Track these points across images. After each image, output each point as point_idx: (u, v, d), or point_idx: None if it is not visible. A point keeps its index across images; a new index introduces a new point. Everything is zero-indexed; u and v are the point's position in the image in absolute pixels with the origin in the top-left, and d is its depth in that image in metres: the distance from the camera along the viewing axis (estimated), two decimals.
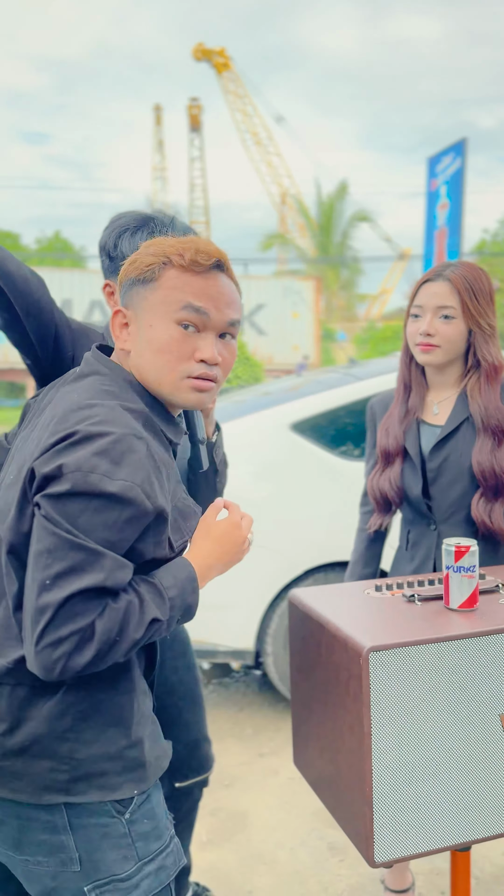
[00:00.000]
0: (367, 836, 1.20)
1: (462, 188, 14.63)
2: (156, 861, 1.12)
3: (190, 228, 1.52)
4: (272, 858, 2.27)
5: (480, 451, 1.70)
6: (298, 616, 1.42)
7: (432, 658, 1.20)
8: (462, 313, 1.70)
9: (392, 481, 1.77)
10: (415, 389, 1.81)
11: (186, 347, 1.11)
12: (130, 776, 1.10)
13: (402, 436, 1.78)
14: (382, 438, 1.81)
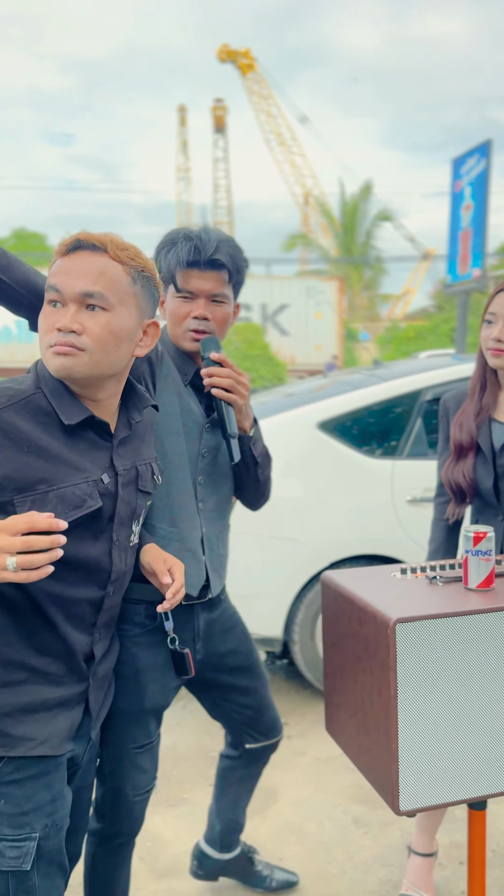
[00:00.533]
0: (394, 788, 1.35)
1: (487, 189, 14.60)
2: (9, 842, 1.21)
3: (218, 234, 1.63)
4: (301, 830, 2.42)
5: None
6: (331, 595, 1.57)
7: (452, 630, 1.34)
8: None
9: (465, 474, 1.91)
10: (488, 389, 1.95)
11: (49, 321, 1.25)
12: None
13: (476, 431, 1.92)
14: (456, 433, 1.95)
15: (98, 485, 1.30)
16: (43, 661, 1.30)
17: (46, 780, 1.28)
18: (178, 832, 2.40)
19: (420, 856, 2.08)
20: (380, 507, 3.25)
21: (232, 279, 1.64)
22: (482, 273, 15.16)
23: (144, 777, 1.68)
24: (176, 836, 2.37)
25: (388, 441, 3.35)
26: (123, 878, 1.77)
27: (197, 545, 1.67)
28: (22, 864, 1.23)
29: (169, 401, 1.64)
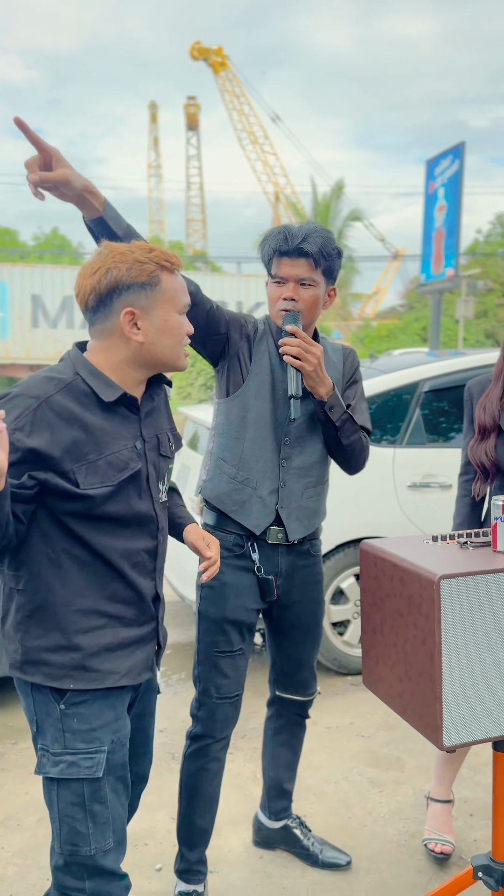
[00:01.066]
0: (437, 727, 1.52)
1: (460, 191, 14.96)
2: (75, 757, 1.42)
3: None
4: (320, 791, 2.59)
5: None
6: (370, 560, 1.74)
7: (487, 587, 1.52)
8: None
9: (488, 453, 2.08)
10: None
11: (187, 328, 1.53)
12: (69, 673, 1.43)
13: (498, 414, 2.08)
14: (480, 415, 2.12)
15: (134, 450, 1.50)
16: (117, 608, 1.49)
17: (109, 701, 1.48)
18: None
19: (439, 802, 2.27)
20: (382, 493, 3.43)
21: (319, 265, 1.83)
22: (455, 273, 15.53)
23: (226, 682, 1.94)
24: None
25: (389, 429, 3.53)
26: (209, 786, 1.98)
27: (268, 494, 1.92)
28: (95, 773, 1.43)
29: (262, 371, 1.90)
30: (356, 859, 2.21)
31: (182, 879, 2.01)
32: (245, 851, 2.27)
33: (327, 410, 1.87)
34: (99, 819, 1.44)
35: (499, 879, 1.75)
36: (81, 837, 1.42)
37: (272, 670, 2.17)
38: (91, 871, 1.44)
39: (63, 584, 1.44)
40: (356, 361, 2.07)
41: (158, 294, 1.46)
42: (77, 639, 1.44)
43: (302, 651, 2.09)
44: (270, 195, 39.21)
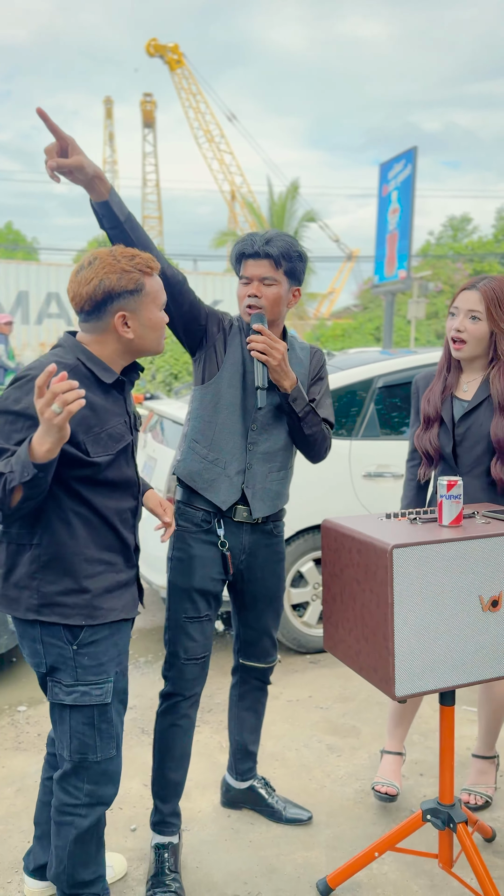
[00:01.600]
0: (390, 679, 1.71)
1: (412, 194, 15.34)
2: (87, 687, 1.71)
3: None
4: (283, 757, 2.77)
5: (496, 426, 2.22)
6: (331, 534, 1.93)
7: (433, 554, 1.72)
8: (486, 317, 2.22)
9: (431, 441, 2.31)
10: (452, 371, 2.35)
11: (166, 320, 1.79)
12: (80, 611, 1.69)
13: (440, 406, 2.31)
14: (425, 406, 2.35)
15: (126, 425, 1.77)
16: (111, 556, 1.77)
17: (114, 639, 1.76)
18: None
19: (391, 754, 2.49)
20: (339, 482, 3.64)
21: (280, 266, 2.01)
22: (407, 275, 15.92)
23: (194, 645, 2.11)
24: None
25: (345, 423, 3.73)
26: (180, 741, 2.15)
27: (235, 474, 2.10)
28: (104, 699, 1.73)
29: (235, 361, 2.09)
30: (316, 815, 2.41)
31: (157, 832, 2.17)
32: (214, 811, 2.44)
33: (291, 402, 2.05)
34: (105, 735, 1.75)
35: (444, 820, 1.96)
36: (90, 748, 1.74)
37: (236, 640, 2.35)
38: (92, 777, 1.76)
39: (71, 537, 1.70)
40: (322, 360, 2.25)
41: (143, 297, 1.72)
42: (86, 583, 1.71)
43: (264, 622, 2.28)
44: (227, 194, 39.33)
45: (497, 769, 2.52)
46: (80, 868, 1.80)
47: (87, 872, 1.82)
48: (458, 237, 41.23)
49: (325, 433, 2.17)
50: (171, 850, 2.12)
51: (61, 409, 1.44)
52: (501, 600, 1.80)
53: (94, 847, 1.82)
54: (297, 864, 2.18)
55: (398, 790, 2.44)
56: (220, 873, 2.14)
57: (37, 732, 2.98)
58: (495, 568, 1.79)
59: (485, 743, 2.49)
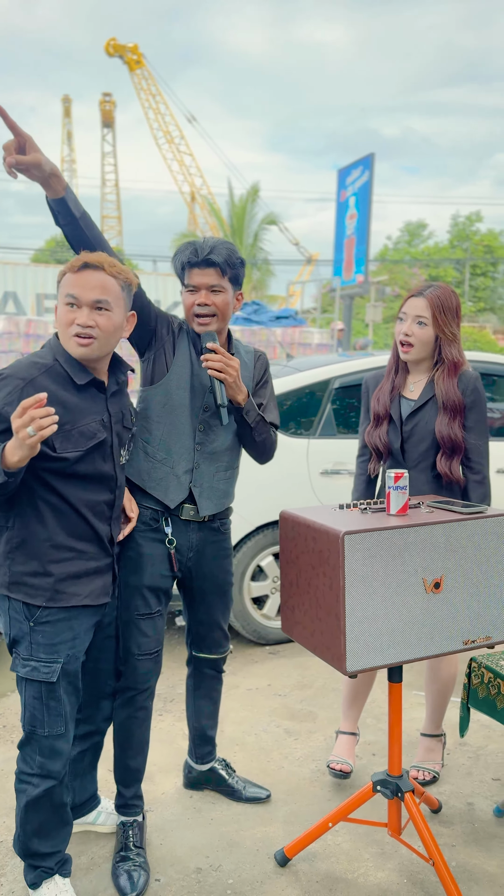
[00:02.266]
0: (342, 655, 1.85)
1: (370, 200, 15.65)
2: (39, 662, 1.83)
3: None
4: (243, 741, 2.89)
5: (440, 424, 2.39)
6: (288, 524, 2.05)
7: (381, 540, 1.86)
8: (432, 322, 2.38)
9: (381, 437, 2.47)
10: (400, 372, 2.51)
11: (69, 318, 1.79)
12: (42, 593, 1.82)
13: (389, 404, 2.46)
14: (375, 405, 2.50)
15: (101, 423, 1.86)
16: (82, 545, 1.88)
17: (70, 623, 1.87)
18: None
19: (345, 734, 2.63)
20: (297, 479, 3.77)
21: (226, 273, 2.11)
22: (365, 279, 16.23)
23: (146, 640, 2.18)
24: None
25: (303, 422, 3.87)
26: (137, 731, 2.23)
27: (183, 473, 2.18)
28: (50, 678, 1.85)
29: (183, 364, 2.17)
30: (275, 794, 2.53)
31: (121, 813, 2.26)
32: (177, 793, 2.55)
33: (244, 415, 2.17)
34: (53, 712, 1.87)
35: (393, 790, 2.10)
36: (39, 722, 1.87)
37: (188, 633, 2.44)
38: (42, 749, 1.88)
39: (41, 524, 1.83)
40: (266, 364, 2.37)
41: (60, 290, 1.82)
42: (50, 567, 1.84)
43: (214, 615, 2.38)
44: (186, 195, 39.35)
45: (444, 747, 2.68)
46: (34, 838, 1.93)
47: (44, 845, 1.94)
48: (414, 242, 41.97)
49: (272, 438, 2.29)
50: (136, 827, 2.22)
51: (35, 433, 1.57)
52: (443, 583, 1.95)
53: (51, 820, 1.92)
54: (256, 838, 2.30)
55: (352, 768, 2.58)
56: (182, 848, 2.25)
57: (2, 724, 3.05)
58: (437, 553, 1.94)
59: (432, 721, 2.64)
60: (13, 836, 1.99)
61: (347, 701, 2.64)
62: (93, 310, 1.79)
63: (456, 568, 1.96)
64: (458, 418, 2.39)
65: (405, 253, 39.64)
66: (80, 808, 2.28)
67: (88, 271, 1.79)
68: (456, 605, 1.97)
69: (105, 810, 2.32)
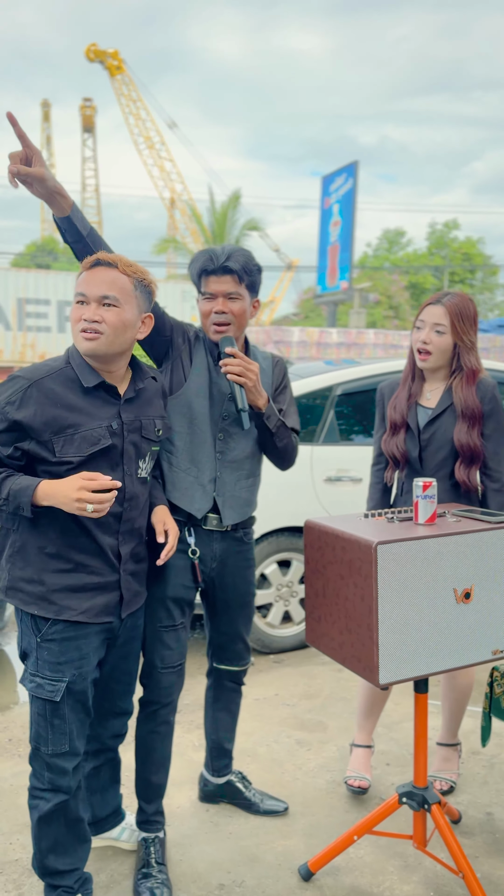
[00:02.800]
0: (374, 668, 1.82)
1: (353, 207, 15.74)
2: (44, 680, 1.79)
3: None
4: (254, 752, 2.86)
5: (459, 432, 2.38)
6: (314, 534, 2.03)
7: (414, 550, 1.84)
8: (451, 330, 2.38)
9: (398, 445, 2.45)
10: (416, 380, 2.50)
11: (77, 314, 1.78)
12: (36, 601, 1.78)
13: (407, 412, 2.44)
14: (391, 413, 2.48)
15: (109, 429, 1.80)
16: (83, 557, 1.81)
17: (77, 643, 1.81)
18: None
19: (360, 747, 2.61)
20: (301, 486, 3.75)
21: (243, 280, 2.08)
22: (349, 285, 16.31)
23: (170, 653, 2.14)
24: None
25: (306, 429, 3.86)
26: (160, 746, 2.19)
27: (207, 482, 2.15)
28: (54, 696, 1.80)
29: (200, 373, 2.14)
30: (292, 806, 2.50)
31: (143, 829, 2.22)
32: (192, 807, 2.50)
33: (265, 420, 2.14)
34: (57, 730, 1.82)
35: (420, 801, 2.08)
36: (42, 740, 1.83)
37: (209, 644, 2.40)
38: (48, 766, 1.84)
39: (39, 532, 1.79)
40: (284, 369, 2.34)
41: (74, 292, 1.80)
42: (43, 576, 1.79)
43: (236, 627, 2.34)
44: (167, 201, 39.30)
45: (459, 756, 2.66)
46: (50, 854, 1.88)
47: (61, 862, 1.89)
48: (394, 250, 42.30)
49: (293, 443, 2.26)
50: (158, 844, 2.18)
51: (90, 511, 1.66)
52: (473, 593, 1.94)
53: (66, 836, 1.88)
54: (276, 852, 2.27)
55: (369, 782, 2.55)
56: (203, 864, 2.20)
57: (7, 738, 2.98)
58: (467, 563, 1.93)
59: (448, 731, 2.63)
60: (32, 855, 1.94)
61: (363, 713, 2.62)
62: (100, 305, 1.76)
63: (485, 577, 1.95)
64: (477, 426, 2.39)
65: (385, 260, 39.93)
66: (103, 823, 2.24)
67: (100, 268, 1.78)
68: (485, 614, 1.96)
69: (129, 826, 2.28)
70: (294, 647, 3.87)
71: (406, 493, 2.52)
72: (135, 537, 1.93)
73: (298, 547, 3.82)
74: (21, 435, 1.72)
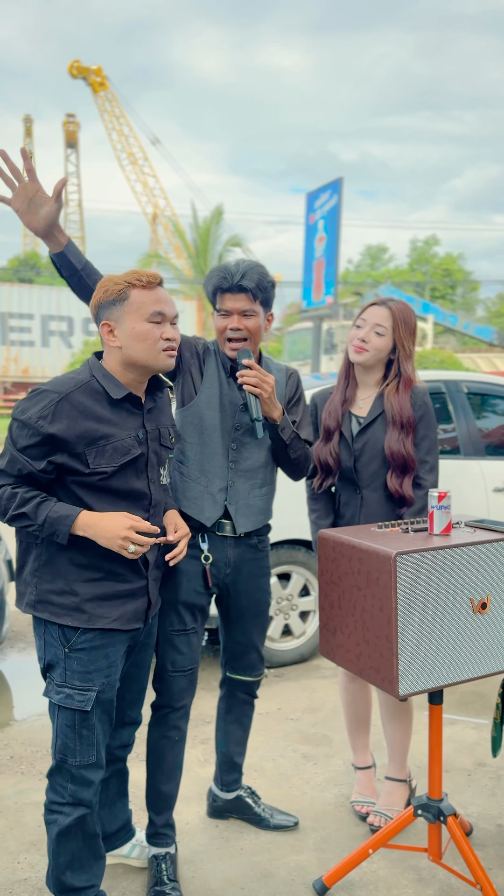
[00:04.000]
0: (393, 679, 1.83)
1: (338, 223, 15.88)
2: (73, 690, 1.80)
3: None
4: (261, 767, 2.84)
5: (390, 440, 2.34)
6: (329, 545, 2.03)
7: (432, 561, 1.85)
8: (392, 333, 2.36)
9: (332, 451, 2.40)
10: (350, 383, 2.45)
11: (157, 333, 1.81)
12: (69, 612, 1.78)
13: (341, 418, 2.40)
14: (326, 418, 2.43)
15: (136, 439, 1.83)
16: (111, 566, 1.82)
17: (105, 651, 1.82)
18: None
19: (361, 769, 2.59)
20: (299, 499, 3.74)
21: (257, 297, 2.10)
22: (334, 300, 16.43)
23: (181, 658, 2.16)
24: None
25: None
26: (169, 753, 2.19)
27: (218, 491, 2.17)
28: (85, 706, 1.80)
29: (212, 385, 2.17)
30: (302, 820, 2.48)
31: (152, 844, 2.19)
32: (201, 822, 2.48)
33: (279, 432, 2.16)
34: (85, 741, 1.82)
35: (435, 814, 2.08)
36: (70, 751, 1.82)
37: (223, 653, 2.41)
38: (74, 778, 1.83)
39: (69, 542, 1.77)
40: (298, 380, 2.35)
41: (127, 307, 1.80)
42: (76, 586, 1.80)
43: (249, 636, 2.34)
44: (150, 216, 39.44)
45: (411, 792, 2.56)
46: (67, 871, 1.86)
47: (78, 878, 1.87)
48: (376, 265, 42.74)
49: (307, 454, 2.28)
50: (169, 860, 2.15)
51: (132, 551, 1.72)
52: (489, 603, 1.95)
53: (84, 852, 1.87)
54: (289, 867, 2.25)
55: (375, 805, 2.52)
56: (216, 881, 2.18)
57: (9, 755, 2.94)
58: (483, 573, 1.94)
59: (396, 763, 2.51)
60: (45, 873, 1.91)
61: (351, 731, 2.59)
62: (173, 324, 1.85)
63: (500, 588, 1.96)
64: (410, 434, 2.35)
65: (367, 276, 40.30)
66: (113, 838, 2.21)
67: (161, 289, 1.85)
68: (501, 624, 1.97)
69: (139, 843, 2.25)
70: (294, 661, 3.86)
71: (344, 505, 2.47)
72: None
73: (297, 559, 3.81)
74: (53, 448, 1.73)
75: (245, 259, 2.15)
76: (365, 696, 2.58)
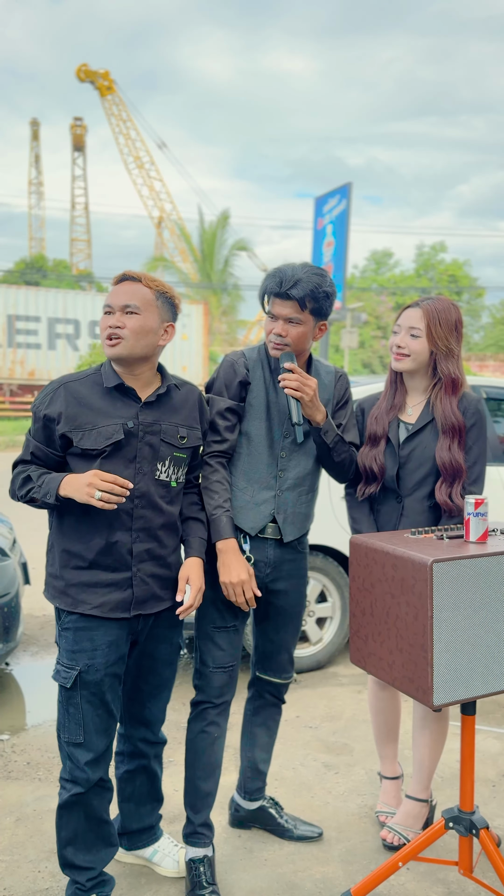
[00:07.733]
0: (428, 689, 1.79)
1: (346, 228, 15.87)
2: (61, 666, 1.92)
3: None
4: (281, 776, 2.79)
5: (441, 449, 2.25)
6: (361, 551, 2.00)
7: (468, 568, 1.81)
8: (426, 334, 2.26)
9: (377, 458, 2.30)
10: (399, 390, 2.37)
11: (104, 323, 1.93)
12: (59, 595, 1.94)
13: (388, 424, 2.32)
14: (372, 424, 2.34)
15: (124, 426, 1.90)
16: (97, 556, 1.91)
17: (90, 634, 1.90)
18: (173, 787, 2.69)
19: (388, 779, 2.54)
20: (320, 504, 3.71)
21: (306, 307, 2.05)
22: (342, 305, 16.39)
23: (221, 654, 2.16)
24: (173, 790, 2.66)
25: None
26: (208, 749, 2.18)
27: (263, 501, 2.16)
28: (66, 682, 1.90)
29: (258, 396, 2.16)
30: (326, 831, 2.44)
31: (189, 843, 2.16)
32: (224, 832, 2.44)
33: (322, 435, 2.13)
34: (71, 718, 1.90)
35: (467, 826, 2.03)
36: (61, 726, 1.93)
37: (255, 652, 2.39)
38: (67, 755, 1.92)
39: (62, 533, 1.95)
40: (347, 384, 2.30)
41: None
42: (64, 572, 1.94)
43: (283, 636, 2.32)
44: (156, 220, 39.49)
45: (430, 817, 2.46)
46: (68, 846, 1.94)
47: (78, 857, 1.94)
48: (381, 271, 42.71)
49: (352, 457, 2.26)
50: (207, 864, 2.12)
51: (97, 497, 1.77)
52: None
53: (86, 832, 1.94)
54: (315, 879, 2.21)
55: None
56: (241, 892, 2.14)
57: (25, 761, 2.90)
58: None
59: (419, 783, 2.42)
60: (67, 882, 1.90)
61: (380, 740, 2.55)
62: (123, 313, 1.91)
63: None
64: (460, 442, 2.25)
65: (372, 281, 40.29)
66: (135, 837, 2.23)
67: (126, 283, 1.94)
68: None
69: (163, 850, 2.22)
70: (311, 668, 3.82)
71: (383, 514, 2.37)
72: (152, 537, 1.97)
73: (315, 565, 3.77)
74: (51, 431, 1.90)
75: (308, 264, 2.08)
76: (395, 704, 2.54)
